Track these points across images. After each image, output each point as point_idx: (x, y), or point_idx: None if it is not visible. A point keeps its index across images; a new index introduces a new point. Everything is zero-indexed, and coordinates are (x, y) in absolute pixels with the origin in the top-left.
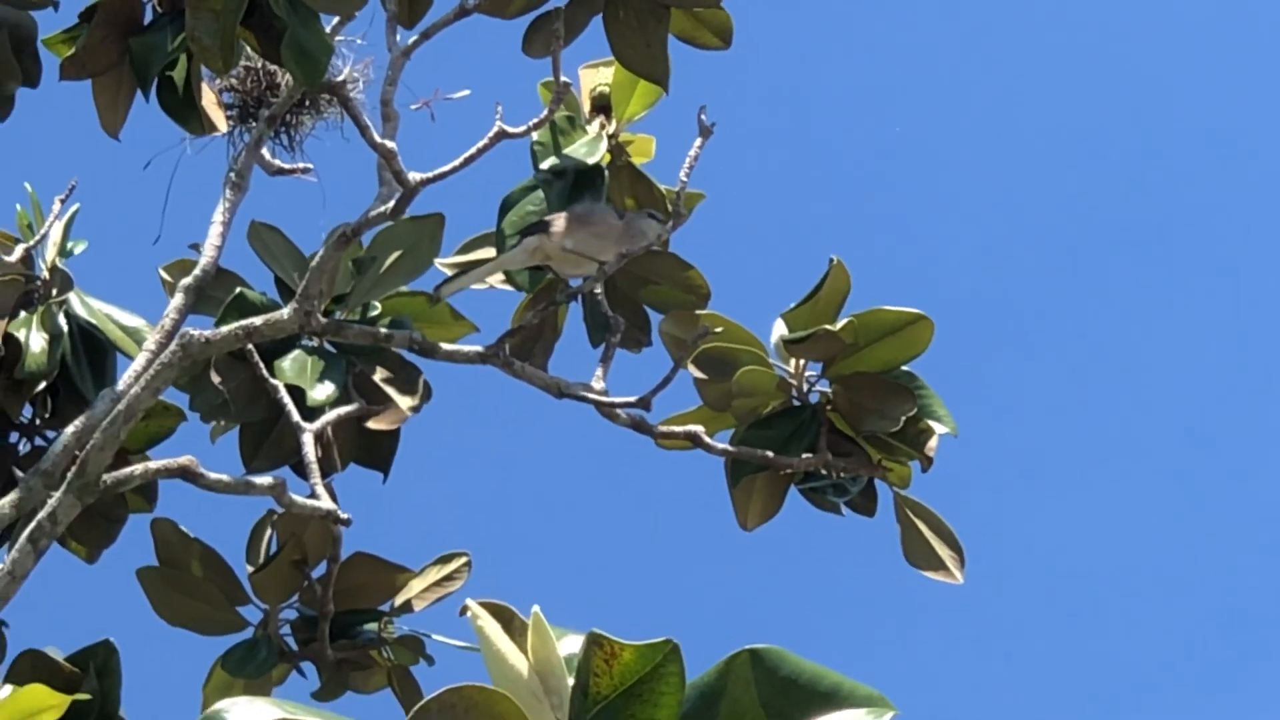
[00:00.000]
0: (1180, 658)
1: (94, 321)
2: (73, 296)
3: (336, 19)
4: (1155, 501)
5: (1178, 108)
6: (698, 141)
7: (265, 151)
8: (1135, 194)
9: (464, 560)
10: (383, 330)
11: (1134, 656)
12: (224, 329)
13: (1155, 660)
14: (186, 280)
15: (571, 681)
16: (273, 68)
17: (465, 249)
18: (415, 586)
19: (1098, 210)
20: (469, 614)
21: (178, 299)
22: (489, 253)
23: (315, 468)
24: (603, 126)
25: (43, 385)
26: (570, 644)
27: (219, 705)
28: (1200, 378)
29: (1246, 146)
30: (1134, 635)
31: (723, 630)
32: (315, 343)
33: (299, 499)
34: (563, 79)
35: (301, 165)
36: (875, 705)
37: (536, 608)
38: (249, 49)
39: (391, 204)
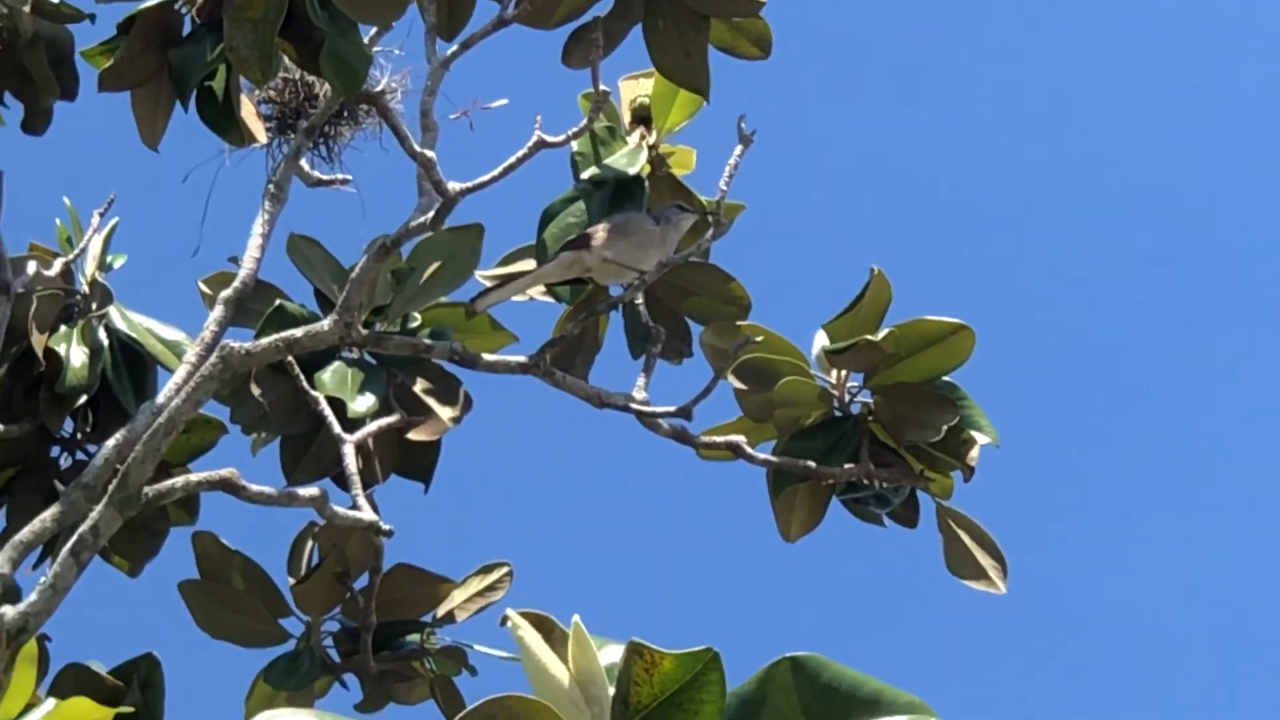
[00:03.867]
0: (1220, 674)
1: (134, 335)
2: (113, 310)
3: (375, 29)
4: (1201, 518)
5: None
6: (738, 150)
7: (304, 163)
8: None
9: (505, 570)
10: (423, 341)
11: (1175, 667)
12: (264, 341)
13: (1194, 672)
14: (226, 292)
15: (612, 691)
16: (311, 78)
17: (505, 261)
18: (457, 597)
19: (1146, 226)
20: (509, 624)
21: (217, 311)
22: (529, 264)
23: (356, 479)
24: (643, 137)
25: (83, 399)
26: (611, 653)
27: (263, 716)
28: (1260, 398)
29: None
30: (1176, 645)
31: (763, 639)
32: (355, 354)
33: (341, 510)
34: (602, 88)
35: (340, 176)
36: (917, 712)
37: (577, 617)
38: (287, 59)
39: (431, 214)
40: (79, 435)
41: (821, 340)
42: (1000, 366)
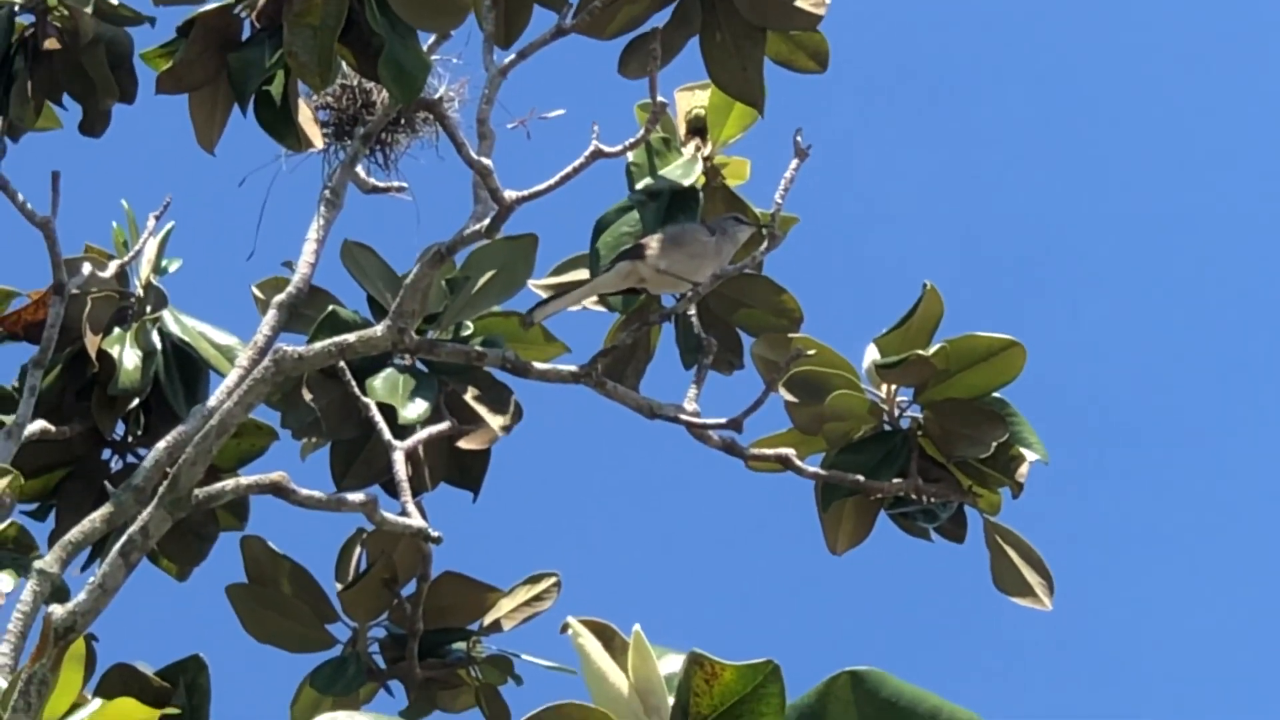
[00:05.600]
0: (1267, 701)
1: (187, 339)
2: (166, 314)
3: (434, 37)
4: (1249, 548)
5: None
6: (793, 164)
7: (360, 169)
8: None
9: (553, 580)
10: (475, 349)
11: (1222, 692)
12: (317, 346)
13: (1240, 697)
14: (280, 297)
15: (671, 701)
16: (369, 85)
17: (558, 271)
18: (504, 606)
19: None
20: (570, 631)
21: (271, 316)
22: (582, 274)
23: (406, 486)
24: (698, 149)
25: (135, 402)
26: (670, 663)
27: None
28: None
29: None
30: (1223, 670)
31: (808, 652)
32: (407, 361)
33: (390, 516)
34: (659, 99)
35: (396, 184)
36: None
37: (638, 626)
38: (346, 65)
39: (486, 222)
40: (130, 438)
41: (872, 354)
42: (1051, 384)
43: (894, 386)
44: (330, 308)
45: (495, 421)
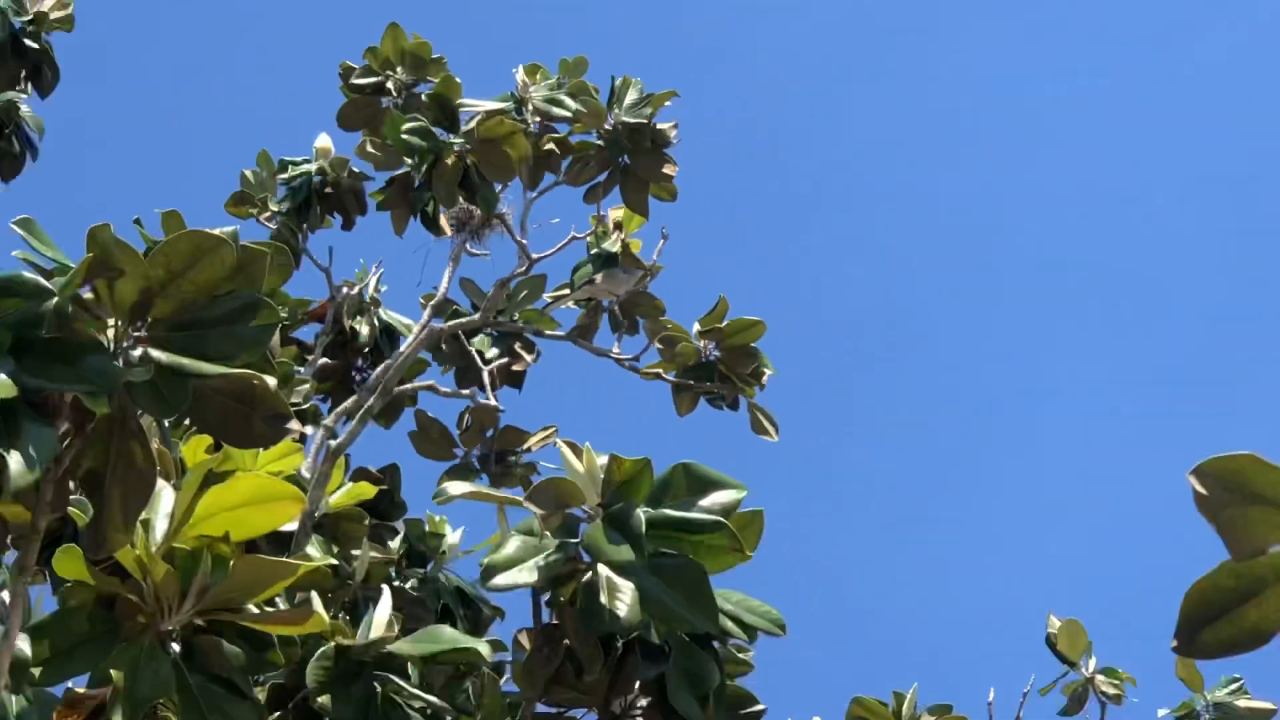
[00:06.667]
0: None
1: (389, 319)
2: (381, 310)
3: (500, 183)
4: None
5: None
6: (660, 242)
7: (467, 245)
8: None
9: (553, 429)
10: (520, 324)
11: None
12: (450, 323)
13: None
14: (434, 302)
15: (602, 477)
16: (471, 206)
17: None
18: (535, 438)
19: None
20: (559, 446)
21: (427, 313)
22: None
23: (490, 387)
24: (619, 233)
25: (366, 349)
26: (602, 461)
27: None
28: None
29: None
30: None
31: (666, 460)
32: (489, 330)
33: (483, 400)
34: (603, 214)
35: (483, 252)
36: (740, 489)
37: (588, 443)
38: (461, 198)
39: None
40: (364, 364)
41: (695, 327)
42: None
43: (707, 342)
44: (454, 308)
45: (528, 357)
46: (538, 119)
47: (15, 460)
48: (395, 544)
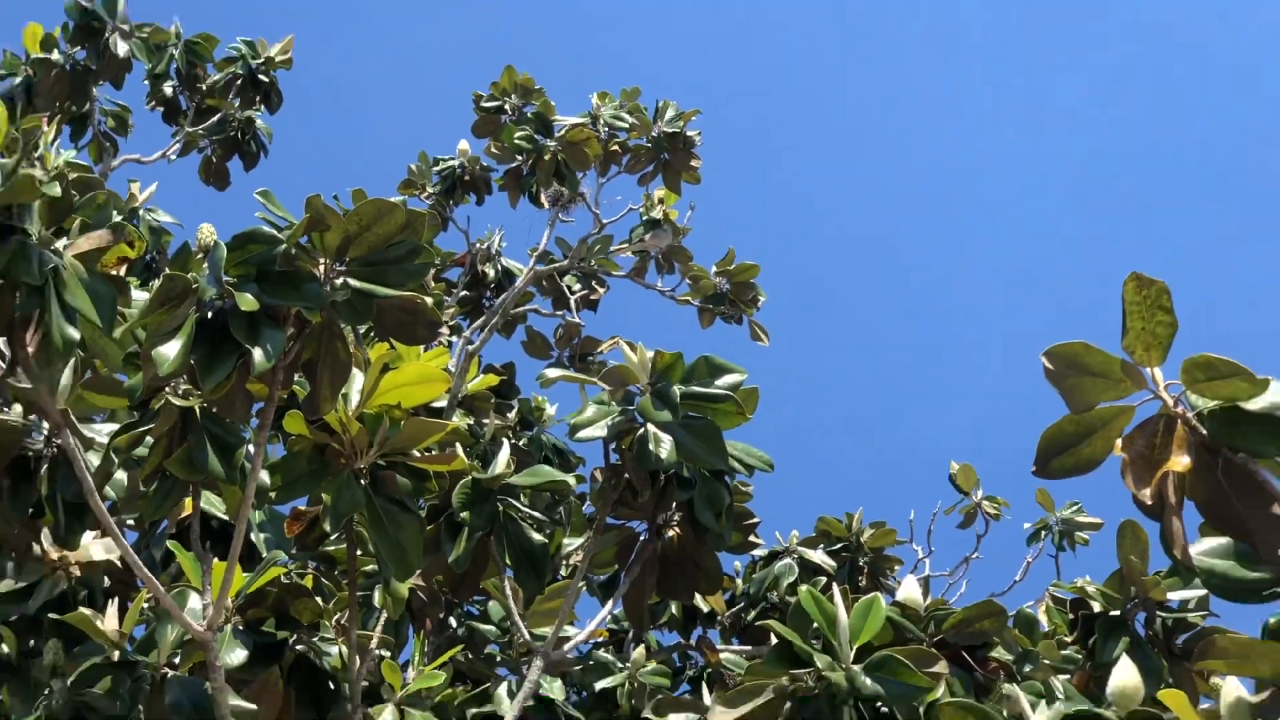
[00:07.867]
0: None
1: (507, 265)
2: (501, 259)
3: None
4: None
5: None
6: (689, 213)
7: (560, 215)
8: None
9: (615, 339)
10: (592, 267)
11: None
12: (548, 267)
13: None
14: (537, 253)
15: (650, 365)
16: (562, 188)
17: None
18: (606, 344)
19: None
20: (621, 345)
21: (533, 260)
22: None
23: (574, 309)
24: (661, 203)
25: (492, 285)
26: (649, 354)
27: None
28: None
29: None
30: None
31: (693, 351)
32: (575, 271)
33: (571, 319)
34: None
35: (569, 219)
36: (741, 372)
37: (640, 344)
38: (555, 182)
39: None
40: (490, 295)
41: (712, 270)
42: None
43: (721, 279)
44: (550, 258)
45: (600, 290)
46: (606, 129)
47: (258, 353)
48: (512, 415)
